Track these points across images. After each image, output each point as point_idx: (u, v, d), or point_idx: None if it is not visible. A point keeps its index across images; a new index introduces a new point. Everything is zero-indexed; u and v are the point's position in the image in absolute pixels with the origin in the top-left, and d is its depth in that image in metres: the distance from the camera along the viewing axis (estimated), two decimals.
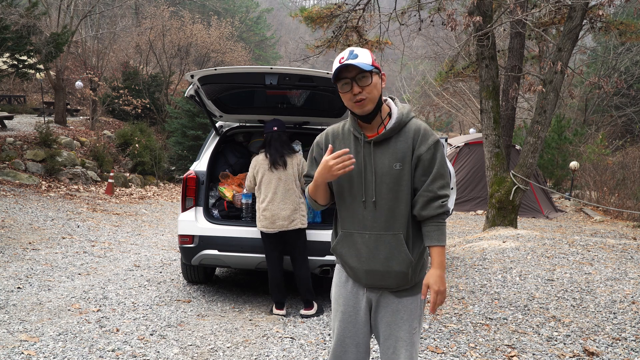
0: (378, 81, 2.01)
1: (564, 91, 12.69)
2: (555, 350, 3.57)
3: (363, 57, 1.97)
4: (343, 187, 2.10)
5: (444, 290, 2.02)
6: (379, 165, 2.03)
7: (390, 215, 2.03)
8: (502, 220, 8.27)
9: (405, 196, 2.02)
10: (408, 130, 2.04)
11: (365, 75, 1.97)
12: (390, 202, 2.02)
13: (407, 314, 2.09)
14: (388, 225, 2.03)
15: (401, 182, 2.02)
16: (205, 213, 4.60)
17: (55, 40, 12.55)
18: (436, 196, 2.00)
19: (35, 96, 20.49)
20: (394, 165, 2.01)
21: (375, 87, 1.99)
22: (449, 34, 19.20)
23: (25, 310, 4.12)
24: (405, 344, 2.08)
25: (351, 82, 1.98)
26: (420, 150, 2.01)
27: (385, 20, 9.44)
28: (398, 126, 2.03)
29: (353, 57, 1.96)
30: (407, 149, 2.02)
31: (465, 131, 26.24)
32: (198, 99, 4.69)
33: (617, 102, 20.50)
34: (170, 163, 16.20)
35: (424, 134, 2.02)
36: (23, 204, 8.81)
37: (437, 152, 2.01)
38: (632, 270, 5.45)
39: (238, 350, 3.53)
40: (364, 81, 1.97)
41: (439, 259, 2.02)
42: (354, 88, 1.98)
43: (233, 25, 25.36)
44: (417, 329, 2.11)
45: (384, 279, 2.07)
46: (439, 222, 2.02)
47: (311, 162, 2.21)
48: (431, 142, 2.01)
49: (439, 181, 2.01)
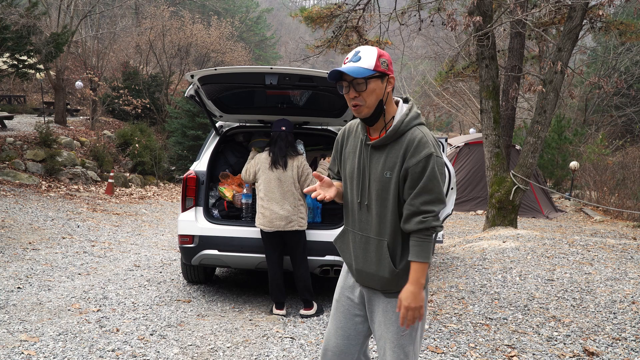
0: (377, 86, 1.95)
1: (564, 91, 12.69)
2: (555, 350, 3.57)
3: (365, 61, 1.93)
4: (347, 184, 2.14)
5: (415, 307, 1.97)
6: (373, 170, 2.03)
7: (379, 221, 2.04)
8: (502, 220, 8.27)
9: (392, 205, 2.00)
10: (404, 139, 1.98)
11: (360, 82, 1.93)
12: (378, 208, 2.03)
13: (396, 315, 2.06)
14: (378, 230, 2.04)
15: (389, 191, 1.99)
16: (205, 213, 4.60)
17: (55, 40, 12.55)
18: (418, 211, 1.94)
19: (35, 96, 20.49)
20: (384, 173, 1.99)
21: (372, 93, 1.95)
22: (449, 34, 19.20)
23: (25, 310, 4.12)
24: (392, 346, 2.06)
25: (349, 85, 1.96)
26: (410, 163, 1.94)
27: (385, 20, 9.44)
28: (394, 135, 1.99)
29: (356, 60, 1.94)
30: (398, 158, 1.97)
31: (465, 131, 26.22)
32: (198, 99, 4.69)
33: (617, 102, 20.49)
34: (170, 163, 16.20)
35: (416, 146, 1.94)
36: (23, 204, 8.81)
37: (427, 166, 1.92)
38: (632, 270, 5.45)
39: (238, 350, 3.53)
40: (359, 87, 1.94)
41: (415, 275, 1.96)
42: (350, 92, 1.96)
43: (233, 25, 25.35)
44: (408, 332, 2.06)
45: (371, 280, 2.10)
46: (420, 238, 1.95)
47: (333, 157, 2.28)
48: (423, 156, 1.93)
49: (423, 196, 1.93)
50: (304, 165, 4.39)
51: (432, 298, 4.80)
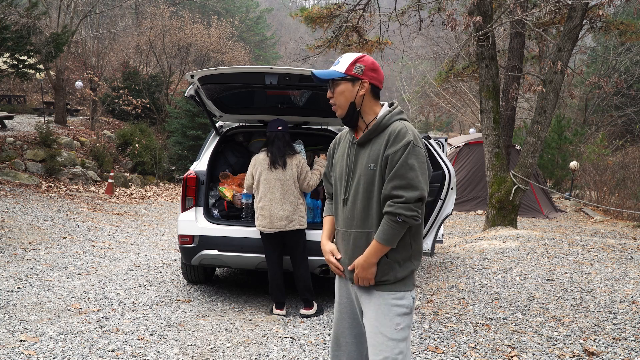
0: (347, 89, 2.11)
1: (564, 91, 12.68)
2: (555, 350, 3.57)
3: (340, 65, 2.11)
4: (336, 186, 2.25)
5: (362, 277, 2.07)
6: (358, 165, 2.12)
7: (365, 215, 2.10)
8: (502, 220, 8.27)
9: (377, 196, 2.07)
10: (386, 132, 2.07)
11: (335, 82, 2.12)
12: (365, 201, 2.09)
13: (389, 311, 2.07)
14: (363, 223, 2.10)
15: (374, 182, 2.07)
16: (205, 213, 4.60)
17: (55, 40, 12.55)
18: (388, 195, 2.01)
19: (35, 96, 20.48)
20: (369, 166, 2.08)
21: (341, 94, 2.12)
22: (449, 34, 19.20)
23: (25, 310, 4.12)
24: (385, 339, 2.05)
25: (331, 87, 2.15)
26: (389, 151, 2.02)
27: (385, 20, 9.44)
28: (377, 128, 2.09)
29: (335, 64, 2.14)
30: (380, 150, 2.06)
31: (465, 131, 26.22)
32: (198, 99, 4.69)
33: (617, 102, 20.48)
34: (170, 163, 16.20)
35: (396, 135, 2.02)
36: (23, 204, 8.81)
37: (405, 154, 1.98)
38: (632, 270, 5.45)
39: (238, 350, 3.53)
40: (333, 88, 2.14)
41: (369, 251, 2.05)
42: (328, 93, 2.16)
43: (233, 25, 25.35)
44: (401, 328, 2.06)
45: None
46: (387, 221, 2.01)
47: (327, 166, 2.39)
48: (403, 144, 2.00)
49: (395, 181, 1.99)
50: (302, 164, 4.40)
51: (432, 298, 4.80)
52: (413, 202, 1.97)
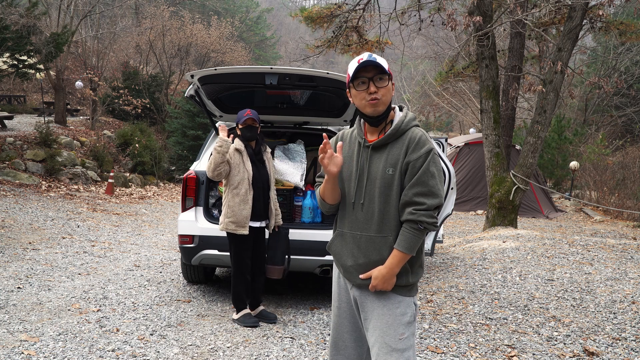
0: (391, 87, 2.10)
1: (564, 91, 12.69)
2: (555, 350, 3.57)
3: (381, 61, 2.06)
4: (344, 188, 2.19)
5: (382, 277, 2.03)
6: (373, 169, 2.09)
7: (381, 219, 2.07)
8: (502, 220, 8.27)
9: (395, 201, 2.06)
10: (405, 137, 2.08)
11: (382, 77, 2.06)
12: (381, 205, 2.07)
13: (393, 319, 2.07)
14: (379, 227, 2.08)
15: (392, 187, 2.06)
16: (205, 213, 4.59)
17: (55, 40, 12.54)
18: (410, 201, 2.02)
19: (35, 96, 20.48)
20: (387, 170, 2.06)
21: (389, 91, 2.09)
22: (449, 34, 19.19)
23: (25, 310, 4.12)
24: (389, 350, 2.05)
25: (368, 81, 2.05)
26: (411, 157, 2.03)
27: (385, 20, 9.44)
28: (396, 133, 2.08)
29: (373, 58, 2.06)
30: (400, 155, 2.05)
31: (465, 131, 26.22)
32: (198, 99, 4.69)
33: (617, 102, 20.47)
34: (170, 163, 16.20)
35: (417, 142, 2.04)
36: (23, 204, 8.81)
37: (427, 161, 2.02)
38: (632, 270, 5.45)
39: (238, 350, 3.53)
40: (381, 82, 2.06)
41: (392, 261, 2.03)
42: (371, 87, 2.05)
43: (233, 25, 25.33)
44: (406, 337, 2.06)
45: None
46: (408, 229, 2.02)
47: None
48: (424, 151, 2.03)
49: (417, 187, 2.01)
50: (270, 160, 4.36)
51: (432, 298, 4.80)
52: (433, 209, 2.02)
